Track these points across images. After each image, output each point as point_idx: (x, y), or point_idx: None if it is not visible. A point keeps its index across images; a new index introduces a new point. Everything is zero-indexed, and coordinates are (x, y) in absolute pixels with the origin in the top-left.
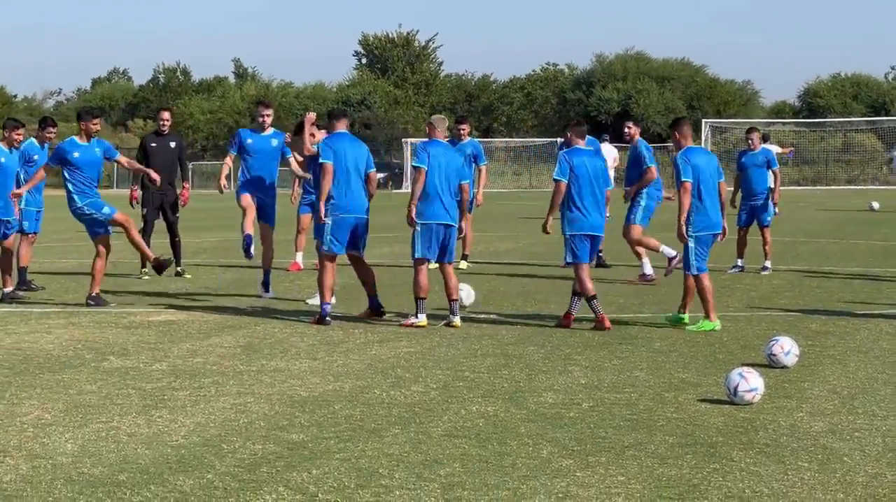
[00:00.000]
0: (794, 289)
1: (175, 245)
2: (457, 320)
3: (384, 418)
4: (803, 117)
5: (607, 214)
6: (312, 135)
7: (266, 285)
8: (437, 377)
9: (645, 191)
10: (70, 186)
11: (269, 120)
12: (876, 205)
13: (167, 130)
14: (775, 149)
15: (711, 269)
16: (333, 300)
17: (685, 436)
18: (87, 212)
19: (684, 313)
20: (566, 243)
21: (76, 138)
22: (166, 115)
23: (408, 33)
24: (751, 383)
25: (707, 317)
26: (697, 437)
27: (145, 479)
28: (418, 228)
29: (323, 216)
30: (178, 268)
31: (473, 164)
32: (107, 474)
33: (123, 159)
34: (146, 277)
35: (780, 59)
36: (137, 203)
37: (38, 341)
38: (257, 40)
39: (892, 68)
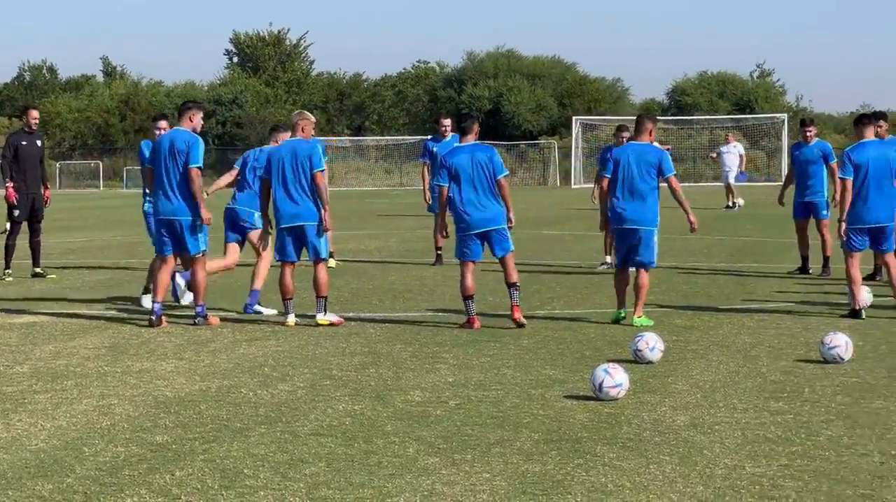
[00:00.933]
0: (662, 285)
1: (36, 246)
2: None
3: (250, 418)
4: (671, 115)
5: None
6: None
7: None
8: (304, 376)
9: None
10: None
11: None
12: (741, 201)
13: (36, 129)
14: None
15: (577, 267)
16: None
17: (550, 433)
18: None
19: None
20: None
21: None
22: (35, 113)
23: (279, 32)
24: (616, 379)
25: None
26: (562, 433)
27: (2, 485)
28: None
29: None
30: (38, 269)
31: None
32: None
33: None
34: (9, 279)
35: (648, 58)
36: (12, 204)
37: None
38: (126, 38)
39: (758, 66)
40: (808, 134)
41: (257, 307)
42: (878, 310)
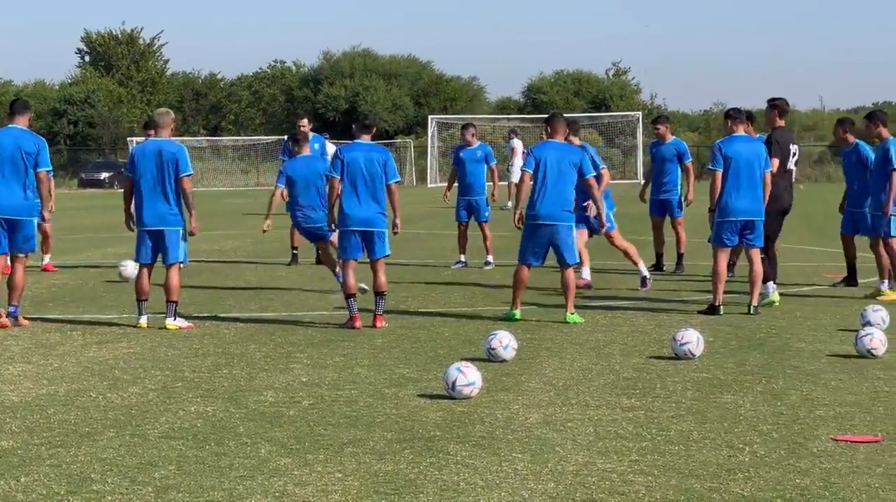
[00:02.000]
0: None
1: None
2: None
3: (99, 421)
4: (527, 113)
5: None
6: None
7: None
8: (156, 378)
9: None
10: None
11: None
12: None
13: None
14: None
15: (432, 266)
16: None
17: (404, 432)
18: None
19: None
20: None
21: None
22: None
23: (132, 30)
24: (469, 377)
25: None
26: (416, 432)
27: None
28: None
29: None
30: None
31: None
32: None
33: None
34: None
35: (504, 56)
36: None
37: None
38: None
39: (614, 64)
40: (658, 131)
41: None
42: (729, 307)
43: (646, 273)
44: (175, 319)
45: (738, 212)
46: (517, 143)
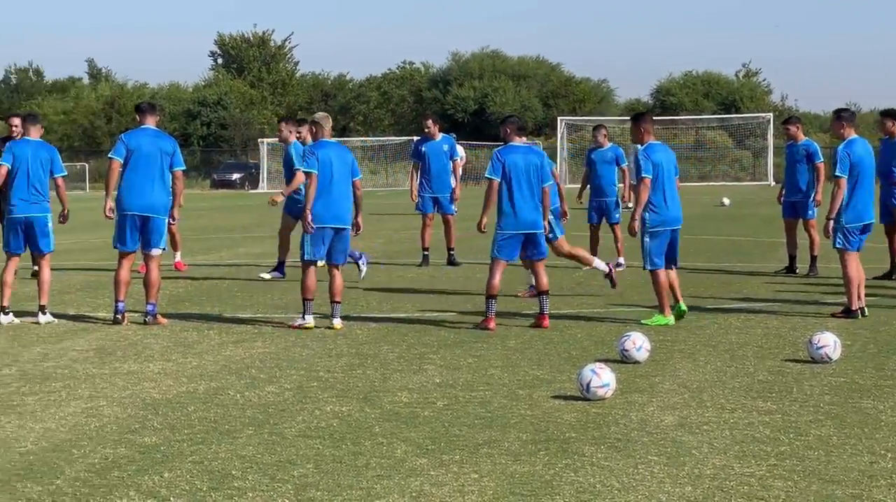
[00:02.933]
0: (648, 285)
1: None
2: (337, 322)
3: (238, 419)
4: (656, 115)
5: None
6: None
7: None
8: (291, 377)
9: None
10: None
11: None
12: (727, 201)
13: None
14: None
15: (563, 267)
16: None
17: (538, 433)
18: None
19: (679, 302)
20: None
21: None
22: (16, 120)
23: (263, 33)
24: (603, 379)
25: (662, 311)
26: (550, 434)
27: None
28: (311, 229)
29: None
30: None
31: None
32: None
33: None
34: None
35: (634, 58)
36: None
37: None
38: (111, 40)
39: (744, 66)
40: (788, 132)
41: None
42: (868, 310)
43: (603, 267)
44: (338, 318)
45: (870, 216)
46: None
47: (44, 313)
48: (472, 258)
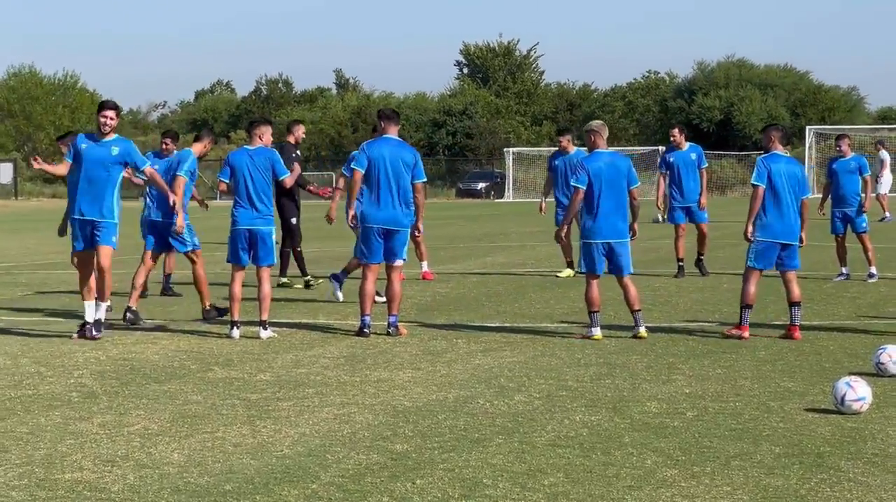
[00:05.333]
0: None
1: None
2: (642, 330)
3: (487, 428)
4: None
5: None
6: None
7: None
8: (540, 386)
9: None
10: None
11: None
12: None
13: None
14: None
15: (813, 278)
16: None
17: (791, 446)
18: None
19: None
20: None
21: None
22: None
23: (508, 42)
24: (858, 392)
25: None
26: (804, 447)
27: (251, 489)
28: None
29: None
30: (308, 279)
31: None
32: (213, 484)
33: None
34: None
35: (886, 64)
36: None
37: (144, 352)
38: (358, 51)
39: None
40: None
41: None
42: None
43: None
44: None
45: None
46: (885, 155)
47: (264, 328)
48: (718, 268)
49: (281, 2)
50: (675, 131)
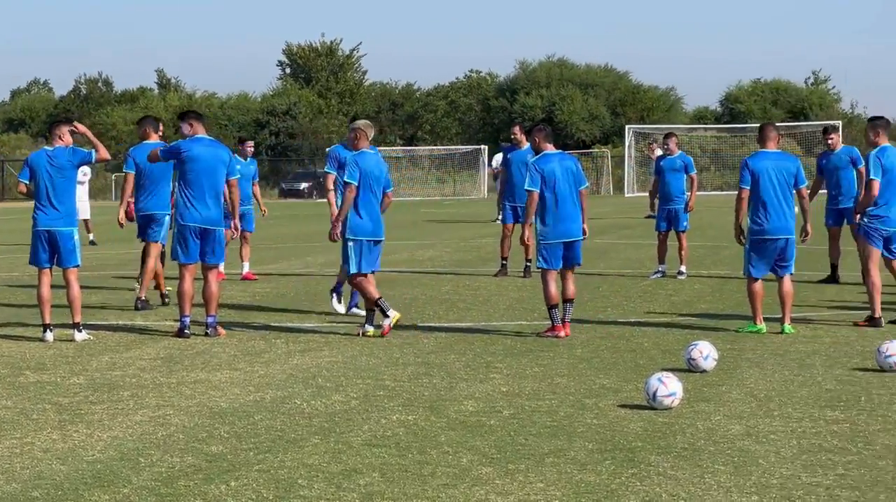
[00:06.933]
0: (715, 294)
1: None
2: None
3: (304, 428)
4: (724, 122)
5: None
6: None
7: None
8: (357, 386)
9: None
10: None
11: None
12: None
13: None
14: None
15: (631, 275)
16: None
17: (604, 442)
18: None
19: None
20: (538, 250)
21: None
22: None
23: (331, 42)
24: (669, 388)
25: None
26: (617, 443)
27: (59, 495)
28: (351, 244)
29: None
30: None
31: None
32: (20, 490)
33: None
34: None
35: (702, 66)
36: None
37: None
38: (180, 50)
39: (813, 73)
40: (830, 142)
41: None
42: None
43: None
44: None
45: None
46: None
47: (79, 330)
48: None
49: (98, 0)
50: (517, 129)
